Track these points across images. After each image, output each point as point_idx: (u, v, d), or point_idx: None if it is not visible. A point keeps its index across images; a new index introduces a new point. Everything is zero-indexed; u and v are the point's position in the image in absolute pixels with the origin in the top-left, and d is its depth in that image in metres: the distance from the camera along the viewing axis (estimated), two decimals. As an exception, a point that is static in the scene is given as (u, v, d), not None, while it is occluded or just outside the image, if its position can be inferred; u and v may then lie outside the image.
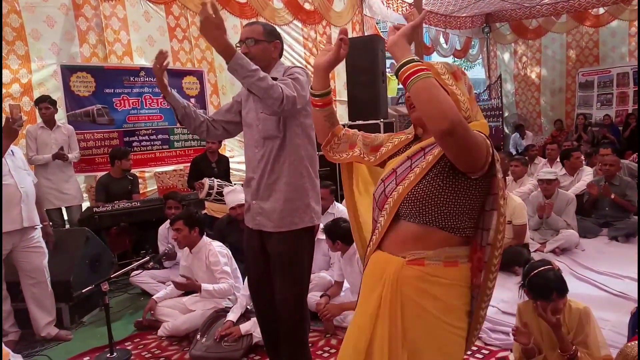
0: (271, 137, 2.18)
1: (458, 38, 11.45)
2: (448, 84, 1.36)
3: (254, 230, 2.28)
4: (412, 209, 1.36)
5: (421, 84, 1.20)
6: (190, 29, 6.45)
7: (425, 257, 1.35)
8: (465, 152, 1.23)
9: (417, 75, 1.20)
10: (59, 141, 4.74)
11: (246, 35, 2.19)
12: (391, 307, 1.35)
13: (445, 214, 1.34)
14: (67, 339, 3.38)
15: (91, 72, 5.39)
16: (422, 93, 1.20)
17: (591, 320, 2.23)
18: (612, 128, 9.66)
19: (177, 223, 3.37)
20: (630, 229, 4.81)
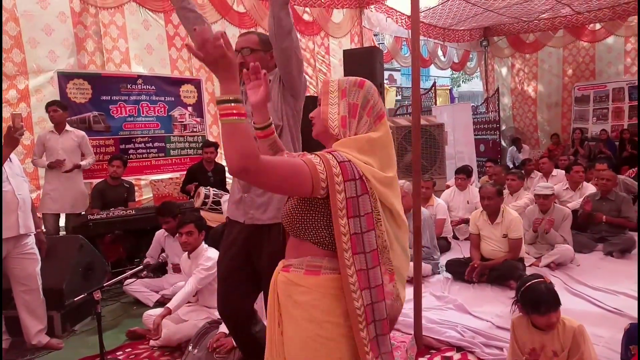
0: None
1: (456, 51, 11.53)
2: (327, 102, 1.49)
3: (245, 226, 2.24)
4: (287, 224, 1.48)
5: (224, 127, 1.27)
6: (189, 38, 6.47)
7: (291, 265, 1.46)
8: (271, 186, 1.37)
9: (230, 119, 1.26)
10: (67, 146, 4.74)
11: (242, 45, 2.22)
12: (273, 309, 1.49)
13: (307, 228, 1.43)
14: (58, 347, 3.35)
15: (88, 79, 5.41)
16: (225, 136, 1.26)
17: (586, 339, 2.22)
18: (609, 143, 9.71)
19: (188, 226, 3.35)
20: (625, 245, 4.82)
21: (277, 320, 1.48)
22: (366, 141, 1.44)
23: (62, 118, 4.74)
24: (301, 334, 1.41)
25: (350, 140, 1.44)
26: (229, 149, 1.24)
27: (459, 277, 4.23)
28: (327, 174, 1.34)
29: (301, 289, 1.42)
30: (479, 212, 4.42)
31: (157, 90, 5.99)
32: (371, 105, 1.50)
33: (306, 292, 1.41)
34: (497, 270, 4.09)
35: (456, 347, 3.03)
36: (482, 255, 4.30)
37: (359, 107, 1.48)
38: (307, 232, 1.43)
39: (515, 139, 10.95)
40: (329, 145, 1.50)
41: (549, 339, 2.21)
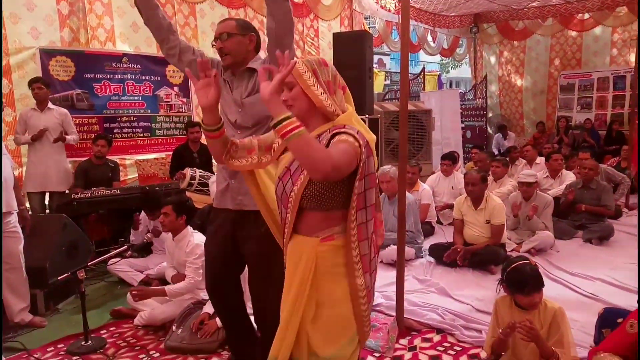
0: (263, 120, 2.21)
1: (446, 37, 11.51)
2: (309, 84, 1.54)
3: (231, 211, 2.27)
4: (311, 203, 1.56)
5: (297, 141, 1.36)
6: (177, 16, 6.37)
7: (334, 233, 1.58)
8: (344, 176, 1.48)
9: (293, 133, 1.36)
10: (49, 124, 4.67)
11: (219, 31, 2.23)
12: (305, 277, 1.56)
13: (337, 199, 1.55)
14: (41, 325, 3.35)
15: (71, 56, 5.32)
16: (298, 151, 1.38)
17: (565, 320, 2.29)
18: (593, 132, 9.84)
19: (166, 208, 3.37)
20: (604, 232, 4.93)
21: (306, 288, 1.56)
22: (355, 113, 1.64)
23: (45, 96, 4.68)
24: (341, 294, 1.57)
25: (349, 115, 1.60)
26: (316, 156, 1.36)
27: (442, 261, 4.30)
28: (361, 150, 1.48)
29: (344, 249, 1.57)
30: (463, 197, 4.48)
31: (143, 69, 5.91)
32: (338, 78, 1.63)
33: (348, 249, 1.56)
34: (478, 255, 4.16)
35: (437, 329, 3.10)
36: (465, 240, 4.37)
37: (332, 83, 1.60)
38: (337, 202, 1.55)
39: (502, 125, 11.04)
40: (314, 123, 1.59)
41: (530, 318, 2.27)
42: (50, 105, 4.76)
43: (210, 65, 1.65)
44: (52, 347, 3.04)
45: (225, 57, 2.21)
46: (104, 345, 3.03)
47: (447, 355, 2.81)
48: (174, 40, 2.33)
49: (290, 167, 1.61)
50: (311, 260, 1.56)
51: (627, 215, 5.98)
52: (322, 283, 1.57)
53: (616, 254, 4.54)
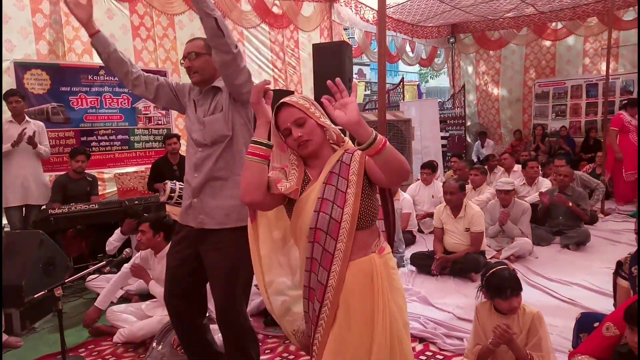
0: (220, 138, 2.25)
1: (424, 47, 11.67)
2: (318, 116, 1.62)
3: (193, 230, 2.31)
4: (363, 222, 1.61)
5: (390, 152, 1.46)
6: (155, 28, 6.35)
7: (383, 245, 1.68)
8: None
9: (388, 146, 1.45)
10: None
11: (188, 50, 2.28)
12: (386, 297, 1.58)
13: (375, 213, 1.66)
14: (17, 345, 3.27)
15: (46, 69, 5.26)
16: (393, 160, 1.47)
17: (543, 325, 2.33)
18: (568, 139, 10.07)
19: (143, 225, 3.34)
20: (581, 238, 5.03)
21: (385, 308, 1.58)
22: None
23: (22, 109, 4.65)
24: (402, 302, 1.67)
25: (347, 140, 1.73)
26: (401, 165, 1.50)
27: (423, 270, 4.33)
28: None
29: (389, 256, 1.70)
30: (443, 206, 4.53)
31: (121, 82, 5.84)
32: None
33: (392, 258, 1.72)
34: (459, 263, 4.20)
35: (419, 338, 3.11)
36: (445, 248, 4.41)
37: (324, 114, 1.63)
38: (376, 216, 1.67)
39: (482, 132, 11.23)
40: (326, 153, 1.67)
41: (509, 323, 2.31)
42: (27, 118, 4.70)
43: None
44: (28, 368, 2.97)
45: (194, 75, 2.27)
46: (83, 363, 2.97)
47: (430, 364, 2.82)
48: (136, 72, 2.39)
49: (324, 197, 1.59)
50: (381, 277, 1.59)
51: (603, 220, 6.12)
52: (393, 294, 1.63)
53: (593, 259, 4.63)
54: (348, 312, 1.59)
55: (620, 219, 6.22)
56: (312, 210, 1.59)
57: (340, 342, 1.58)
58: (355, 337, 1.57)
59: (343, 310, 1.59)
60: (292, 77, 8.42)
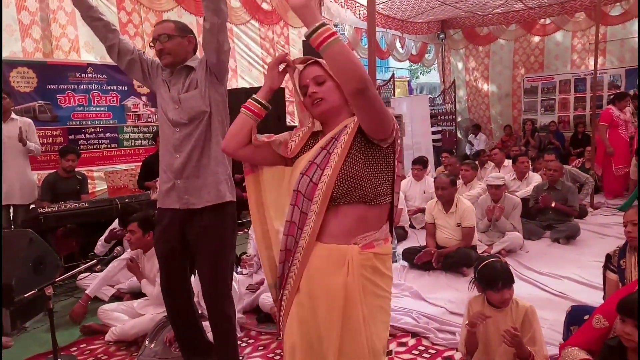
0: (198, 115, 2.27)
1: (414, 43, 11.69)
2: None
3: (179, 211, 2.31)
4: (345, 189, 1.42)
5: (337, 47, 1.27)
6: (144, 25, 6.29)
7: (374, 240, 1.45)
8: (377, 113, 1.35)
9: (334, 39, 1.26)
10: (13, 135, 4.51)
11: (159, 32, 2.29)
12: (354, 293, 1.41)
13: (373, 185, 1.44)
14: (7, 345, 3.24)
15: (33, 67, 5.21)
16: (339, 56, 1.27)
17: (536, 319, 2.36)
18: (557, 134, 10.16)
19: (132, 225, 3.33)
20: (571, 232, 5.08)
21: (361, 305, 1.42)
22: None
23: (8, 106, 4.56)
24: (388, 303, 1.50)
25: None
26: (347, 66, 1.26)
27: (415, 265, 4.35)
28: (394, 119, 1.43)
29: (385, 257, 1.48)
30: (434, 201, 4.55)
31: (109, 79, 5.81)
32: None
33: (386, 259, 1.49)
34: (451, 258, 4.22)
35: (411, 333, 3.12)
36: (437, 243, 4.43)
37: None
38: (374, 190, 1.43)
39: (475, 125, 11.31)
40: (341, 118, 1.50)
41: (502, 316, 2.33)
42: (13, 115, 4.63)
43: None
44: (19, 368, 2.95)
45: (166, 57, 2.28)
46: (75, 363, 2.95)
47: (422, 358, 2.83)
48: (112, 38, 2.38)
49: (314, 160, 1.48)
50: (356, 276, 1.40)
51: (592, 214, 6.19)
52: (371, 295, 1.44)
53: (583, 253, 4.68)
54: (310, 293, 1.47)
55: (609, 212, 6.29)
56: (300, 172, 1.50)
57: (303, 322, 1.49)
58: (321, 325, 1.46)
59: (305, 289, 1.48)
60: (283, 74, 8.39)
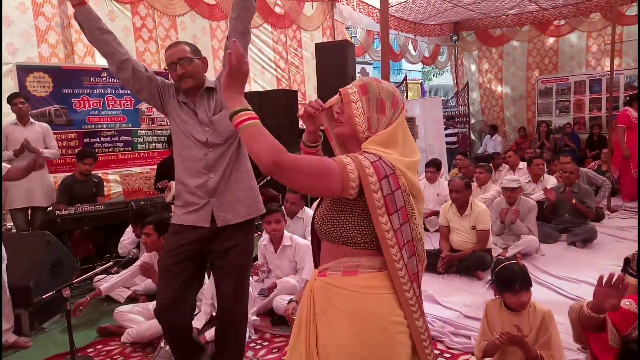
0: (233, 134, 2.31)
1: (427, 45, 11.66)
2: (352, 100, 1.46)
3: (205, 229, 2.32)
4: (320, 229, 1.50)
5: (250, 130, 1.32)
6: (157, 30, 6.37)
7: (327, 268, 1.46)
8: (304, 182, 1.35)
9: (247, 123, 1.33)
10: (31, 139, 4.61)
11: (178, 56, 2.27)
12: (308, 318, 1.46)
13: (341, 230, 1.43)
14: (26, 346, 3.28)
15: (48, 72, 5.29)
16: (248, 140, 1.33)
17: (553, 323, 2.32)
18: (573, 136, 10.04)
19: (147, 227, 3.35)
20: (587, 235, 5.01)
21: (309, 330, 1.45)
22: (389, 134, 1.45)
23: (27, 110, 4.67)
24: (342, 339, 1.38)
25: (376, 137, 1.44)
26: (257, 149, 1.29)
27: (429, 268, 4.31)
28: (358, 174, 1.34)
29: (339, 290, 1.41)
30: (449, 204, 4.52)
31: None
32: (396, 97, 1.51)
33: (345, 294, 1.40)
34: (465, 261, 4.19)
35: (426, 336, 3.10)
36: (452, 246, 4.41)
37: (386, 103, 1.48)
38: (340, 235, 1.43)
39: (492, 126, 11.24)
40: (355, 147, 1.49)
41: (519, 320, 2.30)
42: (31, 120, 4.72)
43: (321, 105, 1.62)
44: (37, 368, 2.99)
45: (187, 81, 2.28)
46: (91, 364, 2.98)
47: (438, 362, 2.82)
48: (124, 54, 2.30)
49: None
50: (308, 299, 1.48)
51: (609, 217, 6.10)
52: (318, 325, 1.44)
53: (600, 256, 4.61)
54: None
55: (626, 215, 6.20)
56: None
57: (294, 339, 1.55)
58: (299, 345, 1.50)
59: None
60: (295, 76, 8.43)
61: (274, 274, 3.78)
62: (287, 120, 6.80)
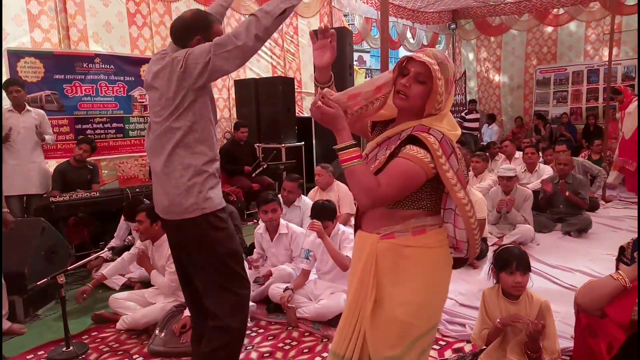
0: None
1: (425, 33, 11.59)
2: (436, 77, 1.48)
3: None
4: None
5: (353, 169, 1.45)
6: (152, 16, 6.30)
7: (395, 231, 1.55)
8: (398, 199, 1.51)
9: (352, 162, 1.45)
10: (28, 125, 4.59)
11: None
12: (366, 277, 1.58)
13: (413, 199, 1.54)
14: (21, 332, 3.27)
15: (40, 57, 5.22)
16: (350, 177, 1.47)
17: (550, 313, 2.35)
18: (569, 126, 10.04)
19: (140, 215, 3.33)
20: (582, 225, 5.03)
21: (369, 287, 1.57)
22: (448, 112, 1.57)
23: (22, 98, 4.62)
24: (412, 293, 1.53)
25: (440, 116, 1.53)
26: (356, 188, 1.46)
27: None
28: (432, 157, 1.45)
29: (411, 249, 1.54)
30: (445, 193, 4.51)
31: (116, 70, 5.83)
32: (453, 75, 1.57)
33: (418, 251, 1.55)
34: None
35: (421, 324, 3.11)
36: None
37: (452, 82, 1.54)
38: (411, 203, 1.55)
39: (490, 115, 11.23)
40: (406, 117, 1.57)
41: (516, 309, 2.32)
42: (28, 107, 4.68)
43: (328, 28, 1.68)
44: (32, 355, 2.98)
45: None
46: (86, 350, 2.97)
47: (433, 350, 2.82)
48: None
49: (368, 154, 1.63)
50: (374, 260, 1.57)
51: (604, 207, 6.12)
52: (382, 282, 1.57)
53: (594, 246, 4.63)
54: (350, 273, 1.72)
55: (621, 205, 6.22)
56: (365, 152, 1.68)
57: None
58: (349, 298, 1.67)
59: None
60: (291, 64, 8.37)
61: (270, 262, 3.78)
62: (284, 108, 6.77)
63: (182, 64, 1.96)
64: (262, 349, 2.92)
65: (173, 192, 2.03)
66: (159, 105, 2.05)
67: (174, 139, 2.01)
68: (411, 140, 1.48)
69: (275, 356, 2.82)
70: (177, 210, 2.05)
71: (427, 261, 1.56)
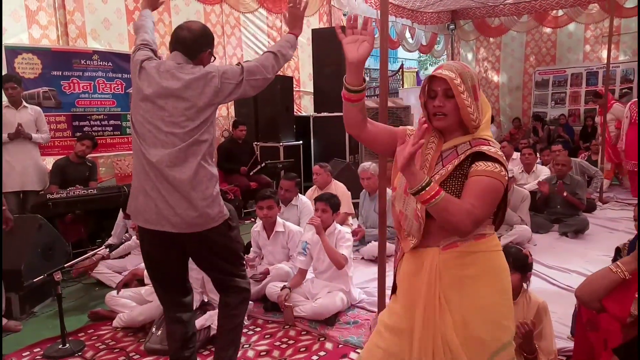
0: None
1: (424, 33, 11.58)
2: (466, 104, 1.50)
3: None
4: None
5: (438, 205, 1.41)
6: (151, 13, 6.26)
7: (457, 240, 1.54)
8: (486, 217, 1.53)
9: (435, 200, 1.41)
10: (24, 121, 4.57)
11: None
12: (431, 291, 1.54)
13: None
14: (16, 329, 3.27)
15: (37, 53, 5.20)
16: (439, 214, 1.44)
17: (547, 314, 2.36)
18: (567, 127, 10.07)
19: None
20: (579, 226, 5.05)
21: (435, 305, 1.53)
22: (489, 119, 1.60)
23: (19, 94, 4.61)
24: (485, 300, 1.53)
25: (486, 124, 1.58)
26: (454, 220, 1.42)
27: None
28: (505, 169, 1.50)
29: (477, 254, 1.55)
30: (443, 193, 4.51)
31: (114, 67, 5.80)
32: (478, 80, 1.58)
33: (484, 255, 1.56)
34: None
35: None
36: (445, 235, 4.41)
37: (477, 87, 1.55)
38: None
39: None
40: (455, 134, 1.57)
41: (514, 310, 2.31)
42: (24, 103, 4.67)
43: (370, 21, 1.58)
44: (28, 352, 2.97)
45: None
46: (82, 348, 2.97)
47: (429, 349, 2.83)
48: None
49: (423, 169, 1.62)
50: (436, 272, 1.54)
51: (601, 208, 6.14)
52: (450, 297, 1.53)
53: (591, 247, 4.65)
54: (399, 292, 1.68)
55: (618, 207, 6.24)
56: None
57: (389, 313, 1.70)
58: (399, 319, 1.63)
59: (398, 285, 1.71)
60: (290, 62, 8.34)
61: (266, 261, 3.78)
62: (283, 107, 6.77)
63: (219, 81, 2.10)
64: (259, 347, 2.92)
65: (202, 204, 2.10)
66: (185, 116, 2.09)
67: (201, 151, 2.10)
68: (477, 155, 1.50)
69: (272, 355, 2.83)
70: (202, 222, 2.12)
71: (492, 264, 1.57)
